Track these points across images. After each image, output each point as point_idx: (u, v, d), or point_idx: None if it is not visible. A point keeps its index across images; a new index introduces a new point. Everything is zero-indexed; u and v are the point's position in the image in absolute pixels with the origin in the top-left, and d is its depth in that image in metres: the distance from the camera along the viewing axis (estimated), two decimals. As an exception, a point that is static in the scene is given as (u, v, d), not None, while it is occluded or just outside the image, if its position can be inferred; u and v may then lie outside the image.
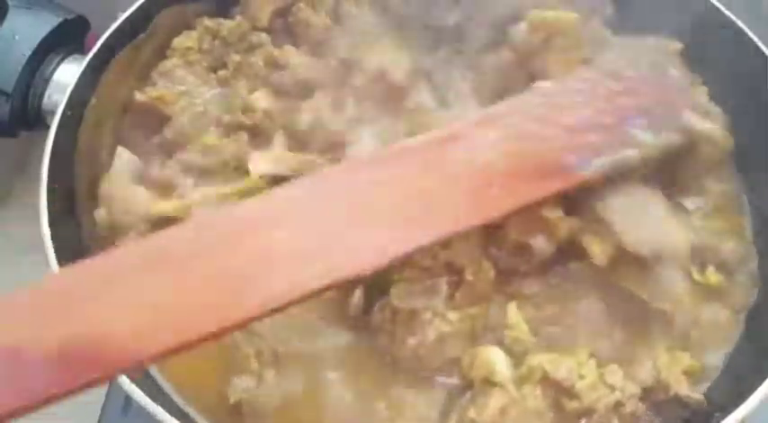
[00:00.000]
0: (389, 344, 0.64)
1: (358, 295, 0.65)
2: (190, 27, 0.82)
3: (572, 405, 0.60)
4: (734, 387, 0.63)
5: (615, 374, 0.61)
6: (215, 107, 0.76)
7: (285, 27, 0.83)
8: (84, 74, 0.73)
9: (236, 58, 0.79)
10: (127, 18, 0.77)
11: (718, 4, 0.78)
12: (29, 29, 0.78)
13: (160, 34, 0.80)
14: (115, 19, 0.76)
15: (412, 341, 0.63)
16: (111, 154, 0.75)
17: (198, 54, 0.80)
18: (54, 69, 0.78)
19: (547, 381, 0.61)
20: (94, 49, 0.74)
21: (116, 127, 0.78)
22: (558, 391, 0.61)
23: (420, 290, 0.63)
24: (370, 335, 0.66)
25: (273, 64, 0.78)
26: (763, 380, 0.59)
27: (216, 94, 0.78)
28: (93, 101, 0.74)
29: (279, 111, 0.76)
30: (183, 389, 0.65)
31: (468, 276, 0.64)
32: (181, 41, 0.80)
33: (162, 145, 0.76)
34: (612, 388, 0.60)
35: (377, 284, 0.65)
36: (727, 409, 0.59)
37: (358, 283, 0.65)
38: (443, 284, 0.64)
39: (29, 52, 0.77)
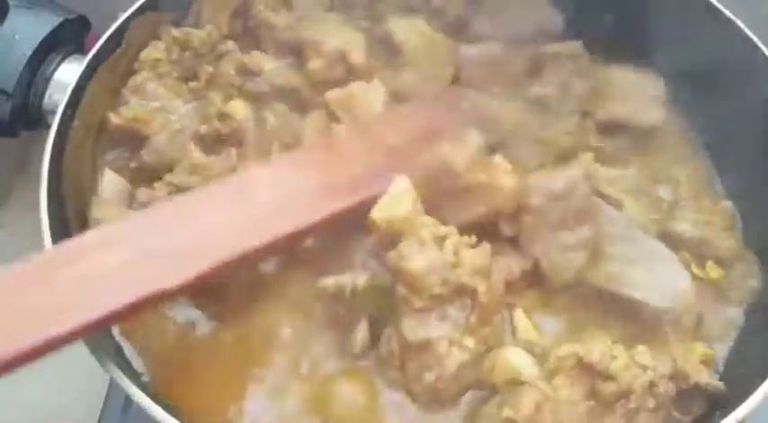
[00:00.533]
0: (402, 378, 0.63)
1: (363, 329, 0.64)
2: (158, 38, 0.80)
3: (609, 388, 0.59)
4: (734, 386, 0.63)
5: (645, 355, 0.60)
6: (191, 122, 0.75)
7: (246, 31, 0.82)
8: (84, 74, 0.73)
9: (209, 68, 0.78)
10: (127, 18, 0.77)
11: (718, 5, 0.78)
12: (29, 28, 0.78)
13: (133, 48, 0.78)
14: (115, 19, 0.76)
15: (429, 376, 0.61)
16: (96, 176, 0.74)
17: (168, 65, 0.78)
18: (55, 69, 0.78)
19: (580, 367, 0.60)
20: (95, 49, 0.74)
21: (98, 149, 0.76)
22: (593, 375, 0.60)
23: (434, 319, 0.61)
24: (378, 368, 0.64)
25: (245, 71, 0.77)
26: (763, 379, 0.59)
27: (191, 109, 0.76)
28: (76, 122, 0.73)
29: (273, 127, 0.75)
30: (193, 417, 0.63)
31: (483, 298, 0.62)
32: (148, 53, 0.78)
33: (142, 167, 0.74)
34: (645, 368, 0.60)
35: (381, 316, 0.63)
36: (728, 407, 0.59)
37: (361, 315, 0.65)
38: (457, 310, 0.61)
39: (29, 52, 0.77)
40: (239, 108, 0.74)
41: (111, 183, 0.73)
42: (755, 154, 0.75)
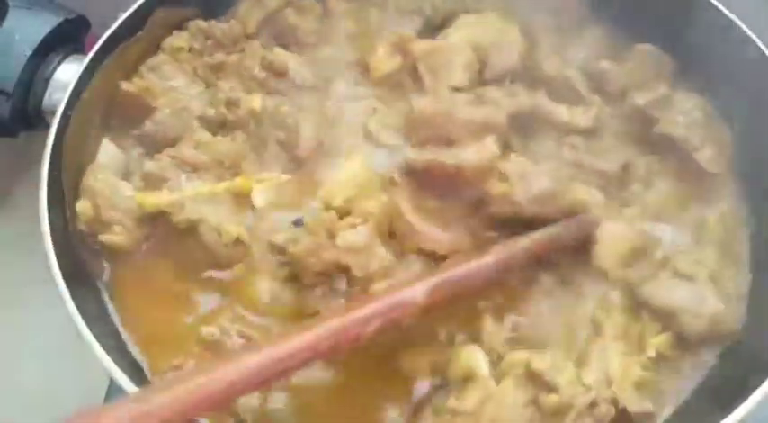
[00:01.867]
0: None
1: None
2: (181, 28, 0.82)
3: (551, 400, 0.61)
4: (737, 383, 0.63)
5: (591, 375, 0.62)
6: (198, 103, 0.77)
7: (272, 33, 0.83)
8: (84, 74, 0.73)
9: (230, 58, 0.79)
10: (126, 18, 0.77)
11: (718, 5, 0.78)
12: (29, 28, 0.78)
13: (153, 33, 0.80)
14: (115, 19, 0.76)
15: None
16: (97, 147, 0.75)
17: (188, 54, 0.80)
18: (54, 69, 0.78)
19: (527, 374, 0.62)
20: (95, 49, 0.74)
21: (103, 120, 0.77)
22: (538, 385, 0.62)
23: (320, 294, 0.66)
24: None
25: (269, 68, 0.78)
26: (762, 380, 0.59)
27: (202, 92, 0.78)
28: (85, 95, 0.74)
29: (271, 117, 0.75)
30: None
31: (356, 273, 0.65)
32: (170, 41, 0.80)
33: (142, 137, 0.75)
34: (589, 387, 0.61)
35: None
36: (728, 408, 0.59)
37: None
38: (341, 284, 0.66)
39: (29, 52, 0.77)
40: (256, 102, 0.76)
41: (108, 152, 0.74)
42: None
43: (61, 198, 0.70)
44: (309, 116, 0.75)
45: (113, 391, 0.83)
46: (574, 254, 0.70)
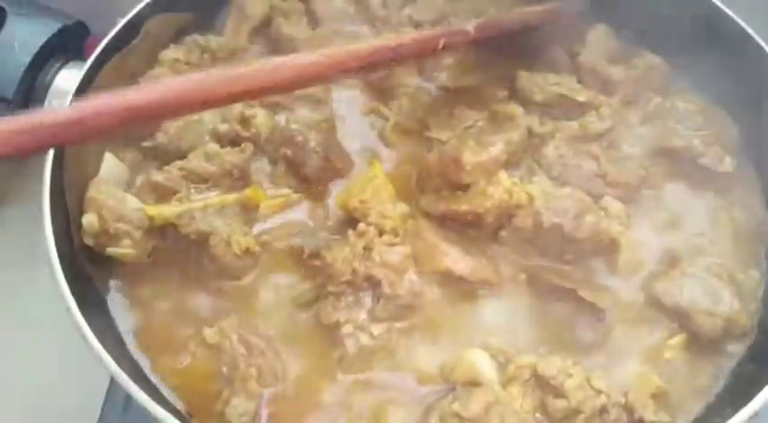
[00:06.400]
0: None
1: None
2: (177, 39, 0.82)
3: (558, 404, 0.60)
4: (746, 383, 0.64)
5: (601, 380, 0.61)
6: (210, 116, 0.76)
7: (267, 44, 0.84)
8: (84, 80, 0.73)
9: None
10: (126, 24, 0.77)
11: (719, 5, 0.79)
12: (28, 35, 0.78)
13: (149, 42, 0.79)
14: (114, 24, 0.76)
15: (336, 353, 0.65)
16: (99, 160, 0.74)
17: (186, 66, 0.80)
18: (54, 75, 0.78)
19: (535, 379, 0.62)
20: (94, 55, 0.74)
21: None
22: (546, 390, 0.61)
23: (344, 305, 0.65)
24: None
25: None
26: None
27: None
28: None
29: (281, 134, 0.76)
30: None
31: (386, 289, 0.65)
32: (167, 54, 0.80)
33: (151, 149, 0.75)
34: (599, 391, 0.60)
35: None
36: (739, 402, 0.59)
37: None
38: (367, 298, 0.66)
39: (28, 59, 0.77)
40: (262, 117, 0.76)
41: (111, 165, 0.73)
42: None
43: (63, 204, 0.69)
44: (318, 135, 0.75)
45: (113, 391, 0.83)
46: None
